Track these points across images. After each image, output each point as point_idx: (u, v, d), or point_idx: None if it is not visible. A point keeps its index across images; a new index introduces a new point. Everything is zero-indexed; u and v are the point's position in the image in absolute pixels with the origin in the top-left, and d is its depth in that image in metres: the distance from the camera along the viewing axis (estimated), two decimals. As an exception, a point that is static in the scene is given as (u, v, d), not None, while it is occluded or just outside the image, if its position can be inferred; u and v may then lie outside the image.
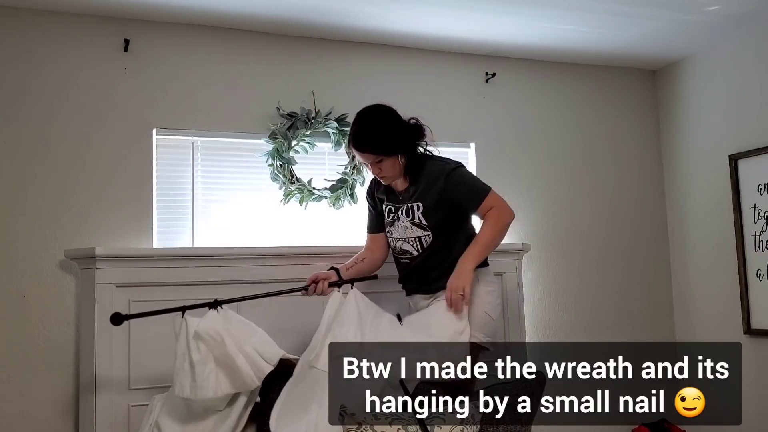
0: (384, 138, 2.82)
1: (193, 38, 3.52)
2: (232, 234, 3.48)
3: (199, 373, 2.65)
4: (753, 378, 3.88)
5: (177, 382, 2.67)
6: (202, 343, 2.68)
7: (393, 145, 2.83)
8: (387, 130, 2.84)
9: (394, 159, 2.85)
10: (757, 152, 3.84)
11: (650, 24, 3.75)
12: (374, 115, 2.89)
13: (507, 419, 2.75)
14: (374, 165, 2.88)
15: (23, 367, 3.09)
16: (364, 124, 2.87)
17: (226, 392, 2.68)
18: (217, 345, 2.68)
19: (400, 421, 2.45)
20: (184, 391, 2.65)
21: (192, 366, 2.66)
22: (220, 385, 2.67)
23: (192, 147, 3.49)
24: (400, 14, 3.52)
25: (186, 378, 2.66)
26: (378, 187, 3.08)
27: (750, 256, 3.89)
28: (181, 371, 2.67)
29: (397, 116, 2.90)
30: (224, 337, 2.68)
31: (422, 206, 2.87)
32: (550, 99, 4.25)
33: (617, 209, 4.33)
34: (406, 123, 2.91)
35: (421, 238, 2.90)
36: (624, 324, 4.25)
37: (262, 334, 2.81)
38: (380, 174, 2.91)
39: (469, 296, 2.73)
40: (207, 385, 2.64)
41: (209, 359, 2.68)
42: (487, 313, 2.84)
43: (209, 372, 2.66)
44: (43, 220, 3.18)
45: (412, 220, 2.90)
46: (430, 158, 2.93)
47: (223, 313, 2.76)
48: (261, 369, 2.69)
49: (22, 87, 3.21)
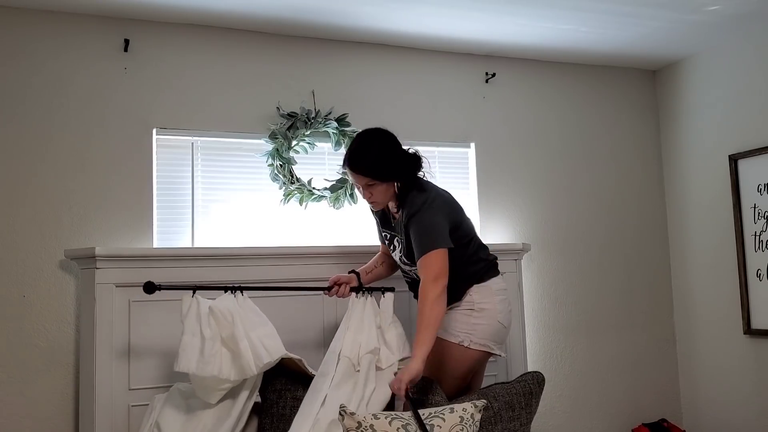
0: (381, 163, 2.77)
1: (193, 38, 3.52)
2: (232, 234, 3.49)
3: (208, 349, 2.66)
4: (753, 378, 3.88)
5: (182, 357, 2.66)
6: (213, 319, 2.71)
7: (388, 172, 2.79)
8: (384, 155, 2.79)
9: (387, 186, 2.82)
10: (757, 152, 3.84)
11: (650, 24, 3.76)
12: (375, 139, 2.84)
13: (506, 418, 2.75)
14: (366, 188, 2.82)
15: (23, 367, 3.09)
16: (362, 144, 2.82)
17: (225, 376, 2.68)
18: (227, 325, 2.70)
19: (400, 420, 2.45)
20: (190, 366, 2.65)
21: (203, 340, 2.67)
22: (223, 367, 2.68)
23: (192, 147, 3.49)
24: (399, 14, 3.52)
25: (194, 352, 2.66)
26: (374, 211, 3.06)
27: (750, 256, 3.89)
28: (189, 346, 2.67)
29: (397, 143, 2.86)
30: (235, 318, 2.71)
31: (404, 241, 2.85)
32: (550, 99, 4.25)
33: (617, 209, 4.33)
34: (405, 152, 2.86)
35: (410, 271, 2.93)
36: (624, 324, 4.25)
37: (271, 328, 2.82)
38: (370, 199, 2.86)
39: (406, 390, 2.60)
40: (213, 362, 2.66)
41: (217, 338, 2.71)
42: (500, 321, 2.87)
43: (216, 350, 2.68)
44: (43, 220, 3.18)
45: (399, 256, 2.94)
46: (417, 191, 2.84)
47: (241, 298, 2.80)
48: (260, 358, 2.68)
49: (22, 87, 3.22)
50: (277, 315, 3.02)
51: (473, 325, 2.81)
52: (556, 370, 4.05)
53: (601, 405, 4.15)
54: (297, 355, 2.86)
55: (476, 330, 2.81)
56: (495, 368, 3.53)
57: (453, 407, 2.53)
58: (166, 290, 2.76)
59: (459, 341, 2.81)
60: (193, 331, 2.69)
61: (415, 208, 2.77)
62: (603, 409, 4.15)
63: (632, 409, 4.21)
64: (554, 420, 4.02)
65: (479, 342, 2.81)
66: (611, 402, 4.17)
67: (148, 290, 2.74)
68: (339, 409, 2.48)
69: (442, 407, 2.54)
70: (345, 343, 2.83)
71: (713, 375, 4.12)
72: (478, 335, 2.81)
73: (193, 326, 2.70)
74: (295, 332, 3.16)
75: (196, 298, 2.74)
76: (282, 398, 2.82)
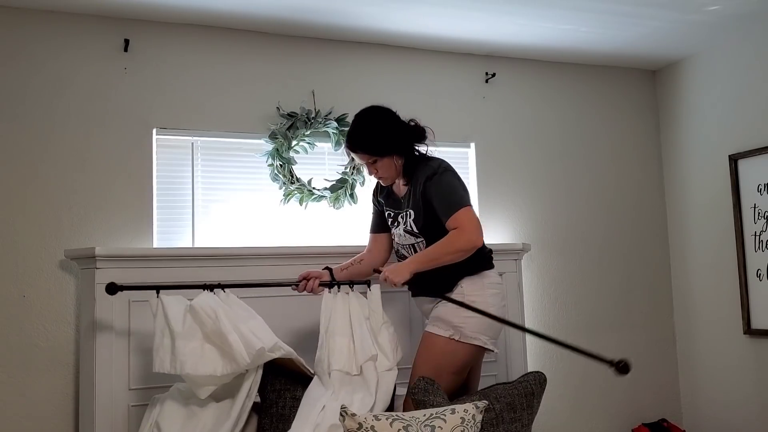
0: (377, 138, 2.83)
1: (193, 38, 3.52)
2: (232, 234, 3.48)
3: (180, 347, 2.65)
4: (753, 378, 3.88)
5: (156, 358, 2.67)
6: (191, 317, 2.69)
7: (386, 146, 2.83)
8: (380, 131, 2.84)
9: (389, 160, 2.86)
10: (757, 152, 3.84)
11: (650, 24, 3.75)
12: (369, 116, 2.90)
13: (507, 419, 2.74)
14: (370, 166, 2.90)
15: (23, 367, 3.09)
16: (358, 124, 2.90)
17: (220, 372, 2.66)
18: (210, 321, 2.67)
19: (401, 421, 2.45)
20: (164, 366, 2.66)
21: (172, 340, 2.66)
22: (207, 363, 2.65)
23: (192, 147, 3.49)
24: (400, 14, 3.52)
25: (166, 353, 2.66)
26: (381, 191, 3.09)
27: (750, 256, 3.89)
28: (161, 347, 2.67)
29: (394, 117, 2.90)
30: (219, 314, 2.68)
31: (413, 213, 2.87)
32: (550, 99, 4.25)
33: (617, 209, 4.33)
34: (404, 124, 2.90)
35: (414, 245, 2.90)
36: (624, 324, 4.25)
37: (260, 321, 2.82)
38: (377, 175, 2.92)
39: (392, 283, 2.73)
40: (187, 361, 2.63)
41: (195, 335, 2.68)
42: None
43: (192, 348, 2.66)
44: (43, 220, 3.18)
45: (405, 228, 2.90)
46: (425, 160, 2.90)
47: (223, 295, 2.78)
48: (252, 345, 2.67)
49: (22, 87, 3.21)
50: (277, 315, 3.03)
51: (464, 318, 2.78)
52: (556, 370, 4.04)
53: (601, 405, 4.15)
54: (296, 355, 2.86)
55: (467, 323, 2.78)
56: (495, 368, 3.53)
57: (454, 408, 2.53)
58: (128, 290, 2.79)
59: (450, 335, 2.78)
60: (163, 331, 2.69)
61: (431, 171, 2.82)
62: (603, 409, 4.15)
63: (632, 409, 4.21)
64: (554, 420, 4.01)
65: (470, 336, 2.78)
66: (611, 402, 4.17)
67: (110, 291, 2.76)
68: (339, 410, 2.48)
69: (443, 408, 2.54)
70: (332, 351, 2.77)
71: (713, 375, 4.12)
72: (468, 329, 2.78)
73: (161, 326, 2.70)
74: (295, 333, 3.16)
75: (160, 298, 2.73)
76: (281, 398, 2.82)
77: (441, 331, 2.79)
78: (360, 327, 2.81)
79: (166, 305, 2.71)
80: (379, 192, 3.10)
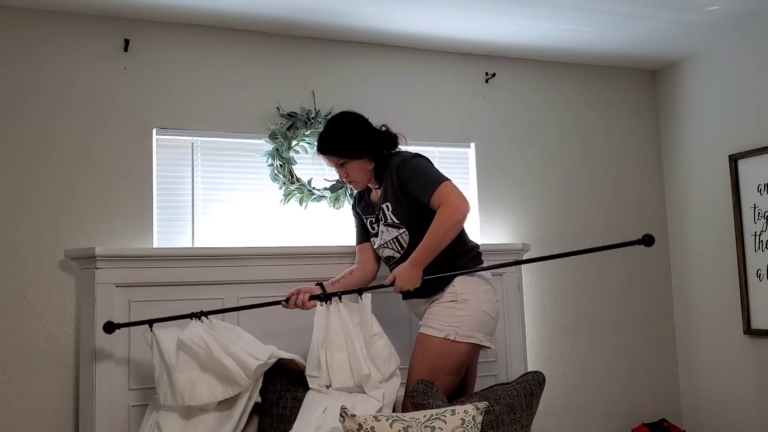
0: (344, 140, 2.86)
1: (193, 38, 3.52)
2: (232, 234, 3.48)
3: (177, 381, 2.69)
4: (753, 378, 3.89)
5: (160, 392, 2.73)
6: (182, 352, 2.72)
7: (353, 148, 2.86)
8: (348, 133, 2.88)
9: (358, 163, 2.88)
10: (757, 152, 3.84)
11: (650, 24, 3.75)
12: (337, 120, 2.95)
13: (507, 421, 2.74)
14: (339, 169, 2.93)
15: (23, 367, 3.09)
16: (328, 128, 2.94)
17: (211, 399, 2.70)
18: (203, 351, 2.71)
19: (402, 422, 2.45)
20: (167, 400, 2.71)
21: (169, 374, 2.71)
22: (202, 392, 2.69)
23: (192, 147, 3.49)
24: (400, 14, 3.52)
25: (166, 387, 2.71)
26: (358, 202, 3.11)
27: (750, 256, 3.89)
28: (161, 381, 2.73)
29: (363, 121, 2.93)
30: (209, 343, 2.72)
31: (390, 205, 2.87)
32: (550, 99, 4.25)
33: (617, 209, 4.33)
34: (373, 128, 2.93)
35: (398, 237, 2.89)
36: (624, 324, 4.25)
37: (248, 336, 2.86)
38: (347, 179, 2.95)
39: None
40: (185, 392, 2.68)
41: (190, 367, 2.72)
42: (485, 312, 2.83)
43: (187, 380, 2.69)
44: (43, 220, 3.18)
45: (385, 222, 2.90)
46: (393, 155, 2.91)
47: (207, 322, 2.81)
48: (248, 367, 2.70)
49: (22, 87, 3.21)
50: (278, 319, 3.03)
51: (458, 317, 2.77)
52: (556, 370, 4.05)
53: (601, 405, 4.15)
54: (298, 357, 2.86)
55: (461, 322, 2.77)
56: (495, 368, 3.53)
57: (454, 409, 2.53)
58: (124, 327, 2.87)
59: (445, 335, 2.76)
60: (160, 365, 2.74)
61: (400, 160, 2.85)
62: (603, 409, 4.15)
63: (632, 409, 4.21)
64: (554, 420, 4.02)
65: (465, 334, 2.77)
66: (611, 402, 4.17)
67: (108, 330, 2.84)
68: (340, 410, 2.47)
69: (443, 409, 2.53)
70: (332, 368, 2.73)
71: (713, 375, 4.12)
72: (463, 327, 2.77)
73: (158, 361, 2.75)
74: (296, 334, 3.13)
75: (153, 332, 2.77)
76: (282, 398, 2.82)
77: (436, 332, 2.78)
78: (355, 341, 2.74)
79: (159, 340, 2.75)
80: (357, 203, 3.12)
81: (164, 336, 2.76)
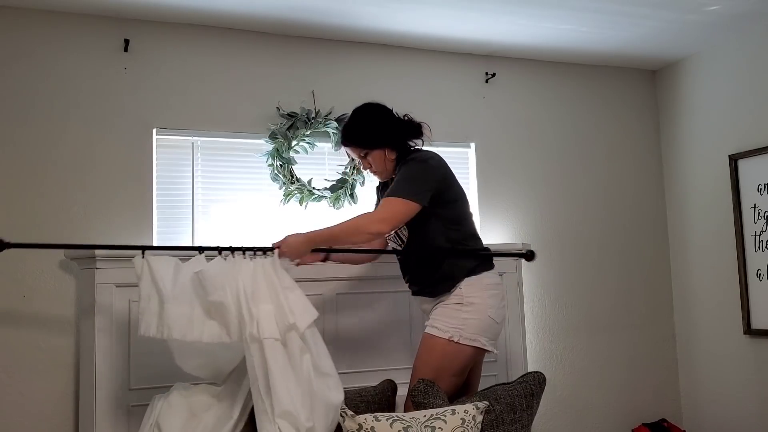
0: (367, 131, 2.88)
1: (193, 38, 3.52)
2: (232, 234, 3.48)
3: (170, 312, 2.52)
4: (753, 378, 3.89)
5: (142, 322, 2.53)
6: (189, 283, 2.55)
7: (375, 139, 2.87)
8: (371, 124, 2.89)
9: (380, 152, 2.89)
10: (757, 152, 3.84)
11: (650, 24, 3.75)
12: (360, 111, 2.95)
13: (507, 420, 2.74)
14: (363, 159, 2.94)
15: (23, 367, 3.09)
16: (351, 119, 2.96)
17: (206, 339, 2.54)
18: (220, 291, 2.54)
19: (402, 422, 2.45)
20: (149, 330, 2.52)
21: (160, 303, 2.53)
22: (196, 329, 2.53)
23: (192, 147, 3.49)
24: (400, 15, 3.52)
25: (152, 316, 2.53)
26: (382, 188, 3.10)
27: (750, 256, 3.89)
28: (147, 311, 2.53)
29: (387, 112, 2.94)
30: (227, 287, 2.54)
31: None
32: (550, 99, 4.25)
33: (617, 209, 4.33)
34: (396, 118, 2.94)
35: (398, 231, 2.91)
36: (624, 324, 4.25)
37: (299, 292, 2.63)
38: (371, 169, 2.96)
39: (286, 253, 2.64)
40: (175, 325, 2.51)
41: (191, 303, 2.55)
42: (490, 316, 2.83)
43: (182, 313, 2.53)
44: (43, 220, 3.18)
45: None
46: (412, 152, 2.92)
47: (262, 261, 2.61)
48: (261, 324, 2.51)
49: (22, 87, 3.21)
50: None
51: (463, 319, 2.77)
52: (556, 370, 4.05)
53: (601, 405, 4.15)
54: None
55: (466, 325, 2.77)
56: (495, 368, 3.53)
57: (454, 409, 2.53)
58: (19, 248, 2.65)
59: (449, 337, 2.76)
60: (149, 295, 2.55)
61: (411, 157, 2.86)
62: (603, 409, 4.15)
63: (632, 409, 4.21)
64: (554, 420, 4.02)
65: (469, 337, 2.77)
66: (611, 402, 4.17)
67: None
68: (340, 410, 2.47)
69: (443, 409, 2.54)
70: (261, 316, 2.54)
71: (713, 375, 4.13)
72: (468, 330, 2.77)
73: (147, 290, 2.55)
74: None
75: (146, 259, 2.59)
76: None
77: (440, 333, 2.78)
78: (276, 290, 2.60)
79: (153, 267, 2.57)
80: (381, 189, 3.11)
81: (158, 263, 2.58)
